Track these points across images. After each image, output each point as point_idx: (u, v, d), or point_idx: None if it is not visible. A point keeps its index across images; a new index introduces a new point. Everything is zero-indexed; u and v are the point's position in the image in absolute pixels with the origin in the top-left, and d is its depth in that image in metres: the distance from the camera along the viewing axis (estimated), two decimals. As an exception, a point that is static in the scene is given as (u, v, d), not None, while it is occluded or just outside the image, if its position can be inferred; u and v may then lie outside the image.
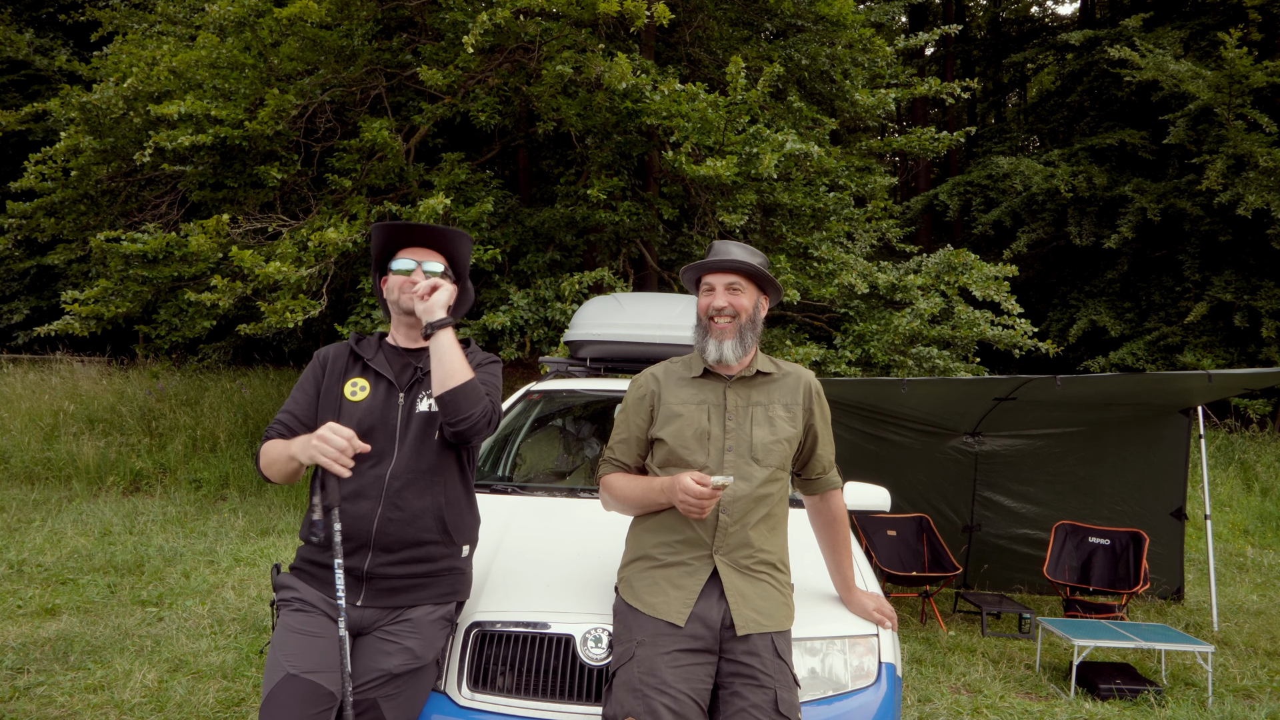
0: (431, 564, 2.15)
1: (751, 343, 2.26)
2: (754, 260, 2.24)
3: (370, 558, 2.10)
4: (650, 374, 2.35)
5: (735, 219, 7.47)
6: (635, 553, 2.22)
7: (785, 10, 8.78)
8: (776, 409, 2.24)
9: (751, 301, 2.25)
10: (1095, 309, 13.33)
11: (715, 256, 2.25)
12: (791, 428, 2.23)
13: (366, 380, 2.21)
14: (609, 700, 1.97)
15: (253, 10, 7.15)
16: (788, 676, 2.02)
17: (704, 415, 2.21)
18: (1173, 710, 4.02)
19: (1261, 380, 5.88)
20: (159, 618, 4.72)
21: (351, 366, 2.25)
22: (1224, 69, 11.07)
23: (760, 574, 2.14)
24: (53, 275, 13.22)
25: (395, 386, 2.21)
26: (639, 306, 4.46)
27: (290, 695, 1.92)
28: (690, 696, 1.93)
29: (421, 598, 2.14)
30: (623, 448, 2.30)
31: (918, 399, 5.58)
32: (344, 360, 2.26)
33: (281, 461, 2.07)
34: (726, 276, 2.24)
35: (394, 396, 2.20)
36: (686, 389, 2.27)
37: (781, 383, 2.29)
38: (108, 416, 9.33)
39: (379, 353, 2.27)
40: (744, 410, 2.22)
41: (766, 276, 2.25)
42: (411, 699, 2.07)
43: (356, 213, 7.62)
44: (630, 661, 1.99)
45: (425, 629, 2.11)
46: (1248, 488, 9.53)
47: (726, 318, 2.22)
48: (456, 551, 2.22)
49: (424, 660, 2.09)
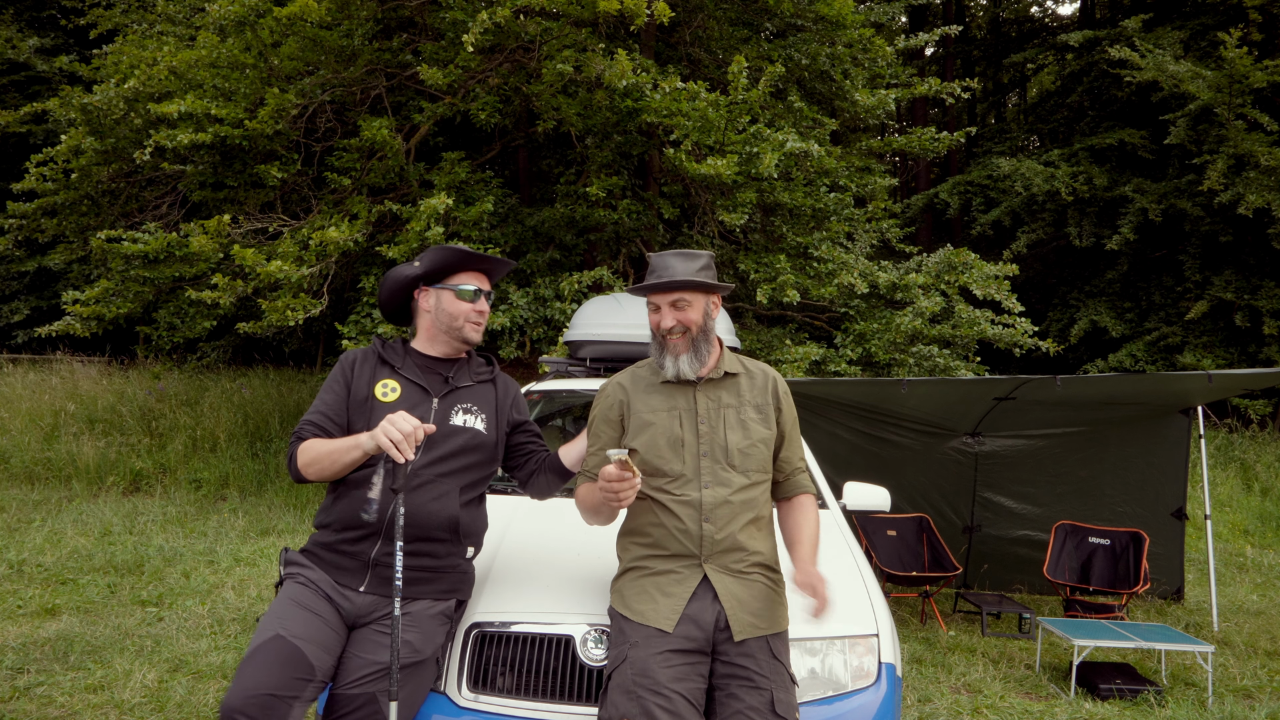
0: (435, 560, 2.18)
1: (707, 350, 2.22)
2: (694, 266, 2.18)
3: (379, 546, 2.13)
4: (617, 383, 2.33)
5: (735, 218, 7.47)
6: (625, 565, 2.22)
7: (785, 10, 8.78)
8: (748, 410, 2.22)
9: (700, 311, 2.20)
10: (1095, 309, 13.32)
11: (655, 276, 2.20)
12: (765, 429, 2.22)
13: (397, 382, 2.27)
14: (604, 703, 1.97)
15: (253, 10, 7.15)
16: (784, 677, 2.02)
17: (676, 422, 2.19)
18: (1173, 710, 4.02)
19: (1262, 380, 5.88)
20: (159, 618, 4.73)
21: (380, 370, 2.30)
22: (1224, 69, 11.07)
23: (753, 576, 2.13)
24: (53, 275, 13.23)
25: (429, 391, 2.27)
26: (639, 306, 4.45)
27: (273, 654, 1.93)
28: (684, 697, 1.93)
29: (423, 591, 2.16)
30: (596, 460, 2.28)
31: (918, 399, 5.58)
32: (372, 364, 2.31)
33: (338, 453, 2.10)
34: (669, 295, 2.19)
35: (427, 401, 2.25)
36: (655, 395, 2.24)
37: (750, 382, 2.27)
38: (108, 416, 9.33)
39: (407, 359, 2.34)
40: (716, 413, 2.20)
41: (708, 284, 2.19)
42: (411, 694, 2.07)
43: (357, 212, 7.62)
44: (624, 664, 1.99)
45: (424, 623, 2.13)
46: (1248, 488, 9.53)
47: (678, 334, 2.19)
48: (462, 551, 2.25)
49: (423, 655, 2.09)
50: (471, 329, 2.32)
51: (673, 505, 2.13)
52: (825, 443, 6.00)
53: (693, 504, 2.12)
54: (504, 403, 2.40)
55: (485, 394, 2.37)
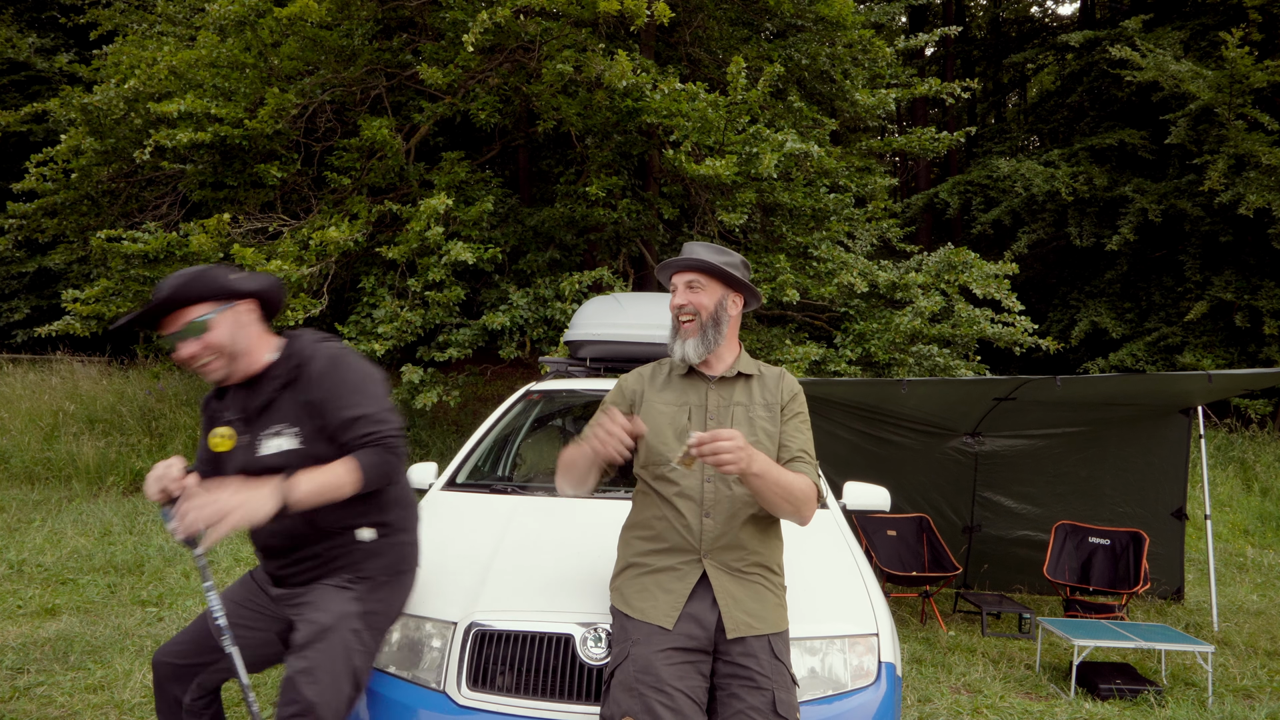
0: (319, 559, 2.20)
1: (715, 341, 2.22)
2: (718, 259, 2.22)
3: (267, 563, 2.29)
4: (637, 373, 2.37)
5: (735, 218, 7.47)
6: (625, 561, 2.22)
7: (785, 11, 8.78)
8: (757, 409, 2.23)
9: (713, 300, 2.22)
10: (1095, 309, 13.31)
11: (679, 257, 2.26)
12: (773, 426, 2.22)
13: (223, 428, 2.20)
14: (606, 701, 1.97)
15: (253, 10, 7.15)
16: (785, 677, 2.02)
17: (684, 415, 2.22)
18: (1173, 710, 4.02)
19: (1262, 380, 5.87)
20: (159, 618, 4.72)
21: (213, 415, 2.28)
22: (1224, 69, 11.06)
23: (752, 575, 2.13)
24: (53, 275, 13.22)
25: (246, 423, 2.18)
26: (639, 306, 4.46)
27: (200, 627, 2.22)
28: (686, 694, 1.93)
29: (318, 579, 2.22)
30: None
31: (918, 399, 5.58)
32: (211, 410, 2.27)
33: None
34: (686, 275, 2.24)
35: (249, 432, 2.16)
36: (670, 390, 2.28)
37: (762, 384, 2.29)
38: (108, 416, 9.33)
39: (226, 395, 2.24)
40: (725, 410, 2.22)
41: (726, 274, 2.21)
42: (327, 667, 2.00)
43: (357, 212, 7.62)
44: (626, 661, 1.99)
45: (321, 596, 2.14)
46: (1248, 488, 9.53)
47: (688, 315, 2.22)
48: (349, 538, 2.19)
49: (324, 623, 2.05)
50: (203, 373, 2.12)
51: (674, 499, 2.14)
52: (825, 443, 5.99)
53: (694, 498, 2.13)
54: (316, 398, 2.12)
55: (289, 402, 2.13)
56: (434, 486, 3.41)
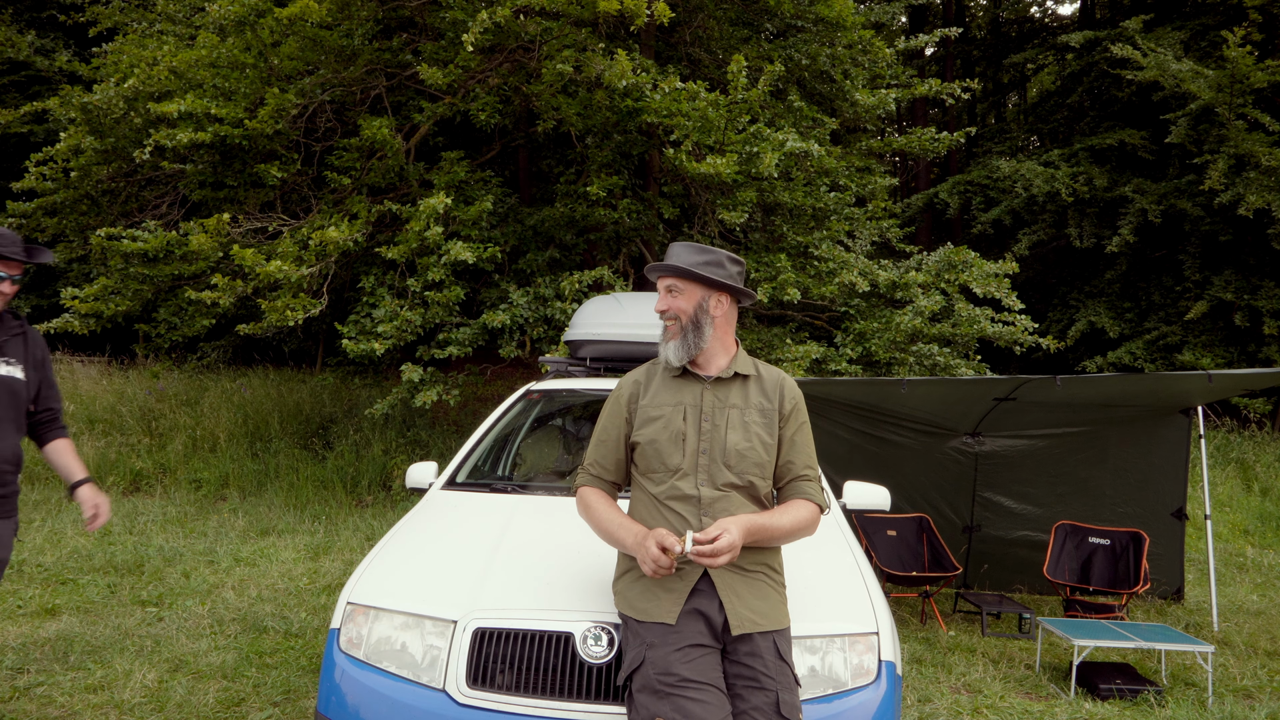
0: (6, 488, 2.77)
1: (696, 344, 2.21)
2: (696, 259, 2.20)
3: None
4: (633, 379, 2.36)
5: (735, 217, 7.47)
6: (626, 564, 2.22)
7: (785, 11, 8.78)
8: (752, 413, 2.22)
9: (692, 303, 2.20)
10: (1095, 309, 13.31)
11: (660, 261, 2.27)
12: (767, 433, 2.21)
13: None
14: (632, 709, 1.97)
15: (253, 10, 7.15)
16: (789, 677, 2.02)
17: (680, 417, 2.21)
18: (1173, 710, 4.02)
19: (1261, 380, 5.88)
20: (159, 618, 4.72)
21: None
22: (1225, 69, 11.06)
23: (755, 572, 2.14)
24: (53, 274, 13.21)
25: None
26: (639, 306, 4.46)
27: None
28: (712, 685, 1.94)
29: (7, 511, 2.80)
30: (601, 449, 2.30)
31: (918, 399, 5.58)
32: None
33: None
34: (664, 280, 2.24)
35: None
36: (666, 391, 2.27)
37: (759, 386, 2.27)
38: (108, 416, 9.33)
39: None
40: (720, 412, 2.21)
41: (700, 276, 2.18)
42: None
43: (357, 212, 7.62)
44: (644, 665, 1.99)
45: None
46: (1248, 488, 9.53)
47: (669, 319, 2.23)
48: (17, 478, 2.83)
49: None
50: None
51: (672, 501, 2.14)
52: (825, 443, 5.98)
53: (691, 499, 2.13)
54: (34, 354, 2.87)
55: (17, 346, 2.82)
56: (434, 486, 3.42)
